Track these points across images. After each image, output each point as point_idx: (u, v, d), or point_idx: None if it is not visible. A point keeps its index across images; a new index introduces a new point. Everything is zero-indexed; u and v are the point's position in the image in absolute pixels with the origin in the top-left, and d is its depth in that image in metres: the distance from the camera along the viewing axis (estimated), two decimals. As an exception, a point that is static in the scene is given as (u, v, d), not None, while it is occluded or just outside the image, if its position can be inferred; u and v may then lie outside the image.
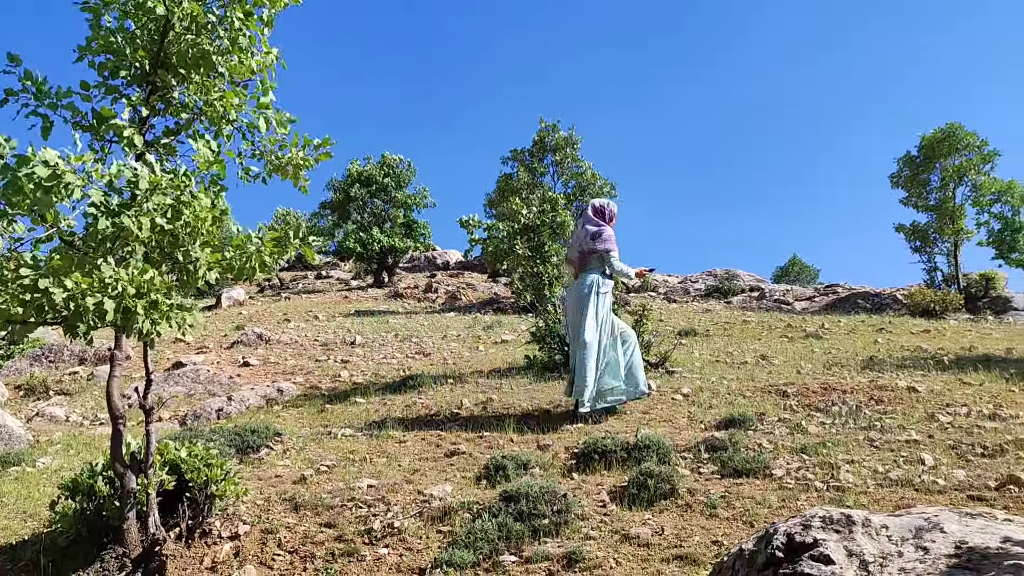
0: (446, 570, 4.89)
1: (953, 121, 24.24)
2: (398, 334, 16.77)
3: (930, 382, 9.61)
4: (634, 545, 5.10)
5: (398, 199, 32.42)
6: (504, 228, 12.05)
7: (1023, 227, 25.13)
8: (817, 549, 2.60)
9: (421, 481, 6.57)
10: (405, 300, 26.08)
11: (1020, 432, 7.04)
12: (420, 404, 9.72)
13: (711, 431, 7.75)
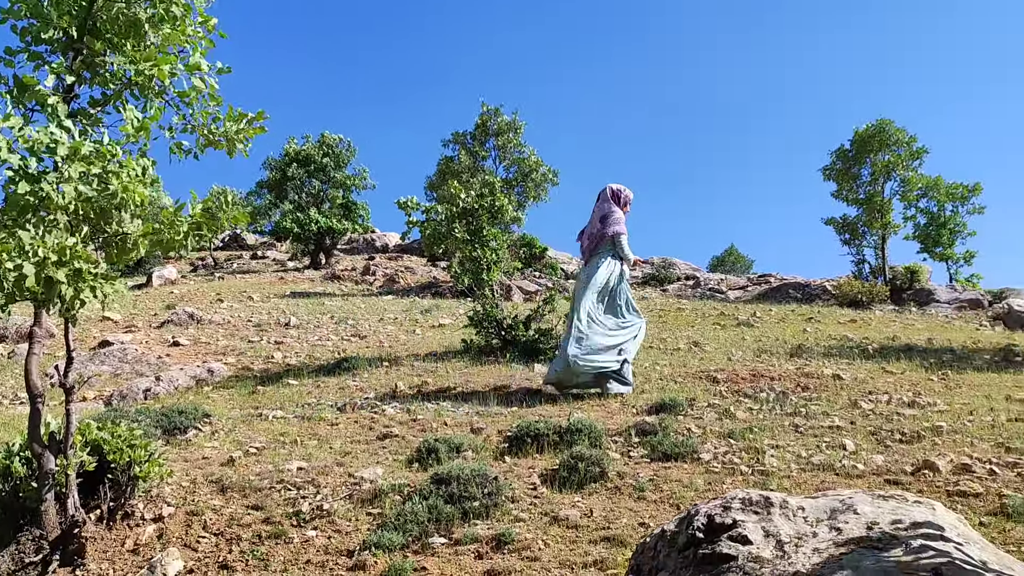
0: (375, 552, 4.86)
1: (884, 117, 24.93)
2: (334, 316, 16.59)
3: (855, 370, 9.90)
4: (563, 527, 5.15)
5: (337, 179, 32.01)
6: (443, 211, 11.98)
7: (948, 222, 26.06)
8: (736, 530, 2.66)
9: (352, 464, 6.52)
10: (342, 282, 25.80)
11: (937, 419, 7.30)
12: (354, 387, 9.64)
13: (642, 416, 7.86)
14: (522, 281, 23.22)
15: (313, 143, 32.07)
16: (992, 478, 5.68)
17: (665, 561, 2.80)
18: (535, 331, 11.56)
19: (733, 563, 2.51)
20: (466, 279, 12.25)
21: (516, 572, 4.52)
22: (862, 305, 19.62)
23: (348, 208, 31.80)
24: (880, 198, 24.71)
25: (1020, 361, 11.07)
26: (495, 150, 30.09)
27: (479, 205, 12.21)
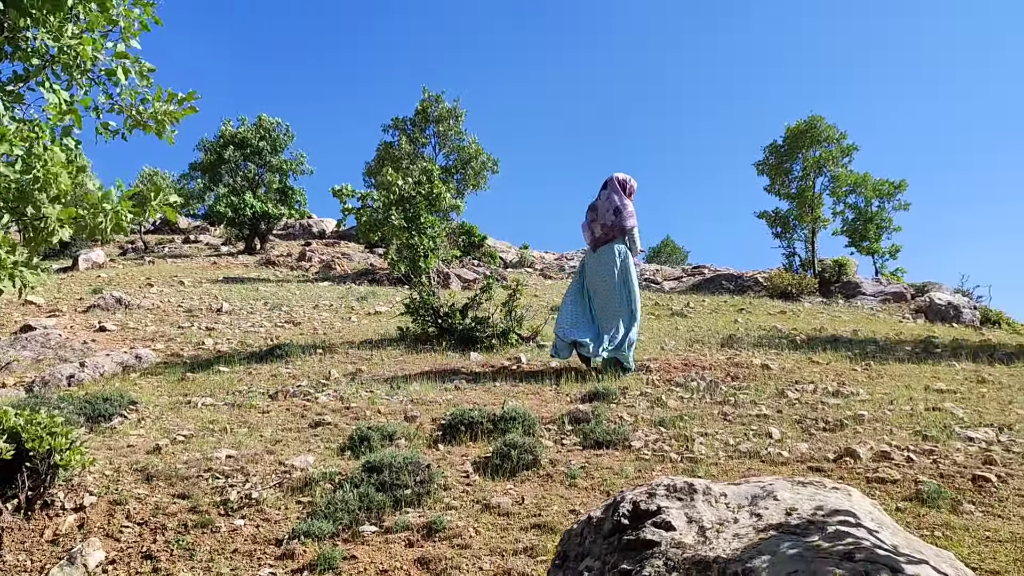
0: (304, 541, 4.81)
1: (816, 114, 25.52)
2: (268, 302, 16.32)
3: (783, 360, 10.14)
4: (494, 514, 5.17)
5: (273, 164, 31.45)
6: (379, 198, 11.87)
7: (874, 218, 26.85)
8: (660, 516, 2.71)
9: (283, 452, 6.44)
10: (277, 268, 25.40)
11: (859, 408, 7.54)
12: (287, 374, 9.52)
13: (576, 404, 7.93)
14: (461, 269, 23.18)
15: (250, 126, 31.42)
16: (909, 465, 5.89)
17: (591, 547, 2.83)
18: (472, 319, 11.56)
19: (656, 548, 2.56)
20: (402, 266, 12.18)
21: (447, 560, 4.52)
22: (792, 297, 20.10)
23: (285, 193, 31.29)
24: (811, 193, 25.33)
25: (939, 352, 11.48)
26: (435, 137, 29.92)
27: (416, 192, 12.14)
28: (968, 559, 4.29)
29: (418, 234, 12.11)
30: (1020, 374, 9.80)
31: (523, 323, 11.88)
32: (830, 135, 25.35)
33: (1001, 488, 5.41)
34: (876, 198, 26.73)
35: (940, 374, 9.56)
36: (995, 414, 7.45)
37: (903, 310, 19.06)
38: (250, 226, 30.07)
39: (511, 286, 11.97)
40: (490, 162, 29.51)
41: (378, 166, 29.63)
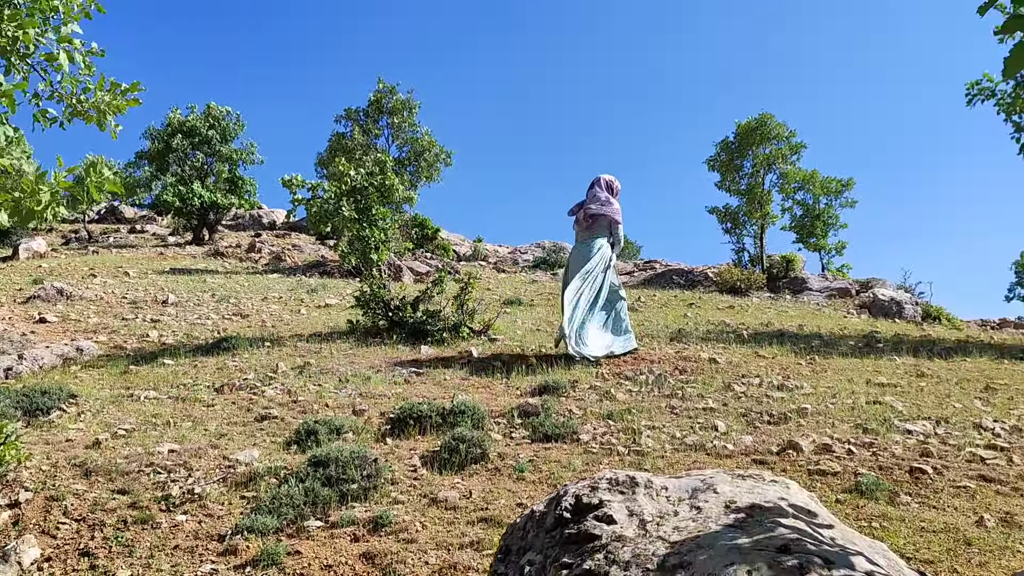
0: (247, 536, 4.75)
1: (766, 111, 25.89)
2: (215, 294, 16.06)
3: (730, 354, 10.29)
4: (441, 508, 5.16)
5: (223, 153, 30.86)
6: (330, 189, 11.74)
7: (822, 214, 27.35)
8: (602, 510, 2.72)
9: (228, 446, 6.34)
10: (226, 259, 25.01)
11: (803, 402, 7.68)
12: (233, 367, 9.37)
13: (526, 397, 7.95)
14: (413, 262, 23.07)
15: (199, 114, 30.79)
16: (849, 457, 6.02)
17: (533, 541, 2.84)
18: (423, 313, 11.51)
19: (597, 542, 2.57)
20: (353, 258, 12.08)
21: (392, 554, 4.49)
22: (741, 292, 20.39)
23: (234, 183, 30.73)
24: (760, 189, 25.70)
25: (881, 347, 11.75)
26: (388, 128, 29.69)
27: (368, 183, 12.03)
28: (903, 549, 4.40)
29: (369, 226, 12.01)
30: (958, 368, 10.07)
31: (475, 317, 11.87)
32: (780, 133, 25.74)
33: (937, 480, 5.55)
34: (824, 195, 27.21)
35: (882, 368, 9.77)
36: (933, 407, 7.64)
37: (848, 306, 19.46)
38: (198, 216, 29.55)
39: (463, 279, 11.94)
40: (443, 154, 29.39)
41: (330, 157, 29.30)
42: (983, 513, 4.95)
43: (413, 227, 28.04)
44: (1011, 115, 13.46)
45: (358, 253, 12.15)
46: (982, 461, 5.98)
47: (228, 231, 34.29)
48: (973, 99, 13.58)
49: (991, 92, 13.47)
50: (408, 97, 29.88)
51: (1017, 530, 4.75)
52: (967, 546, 4.49)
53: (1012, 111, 13.37)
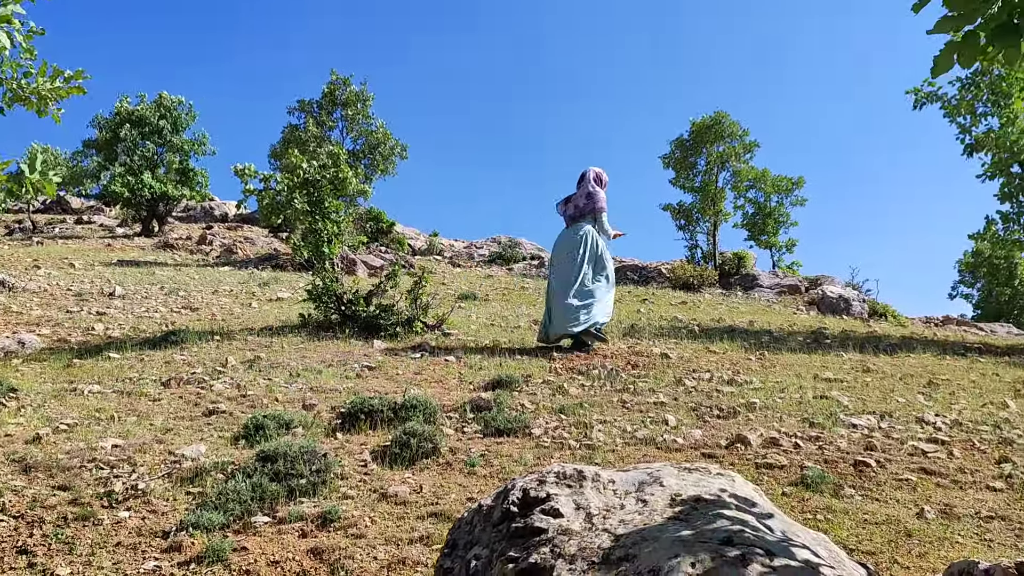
0: (192, 532, 4.66)
1: (721, 110, 26.19)
2: (164, 287, 15.77)
3: (682, 349, 10.39)
4: (391, 503, 5.12)
5: (174, 143, 30.23)
6: (282, 180, 11.58)
7: (773, 212, 27.78)
8: (549, 503, 2.72)
9: (174, 441, 6.23)
10: (176, 251, 24.58)
11: (752, 396, 7.78)
12: (181, 361, 9.21)
13: (479, 392, 7.93)
14: (368, 256, 22.90)
15: (149, 104, 30.12)
16: (796, 451, 6.12)
17: (480, 535, 2.83)
18: (376, 307, 11.43)
19: (543, 536, 2.57)
20: (306, 252, 11.93)
21: (340, 550, 4.45)
22: (693, 288, 20.62)
23: (185, 174, 30.13)
24: (714, 187, 26.01)
25: (829, 343, 11.97)
26: (343, 121, 29.39)
27: (322, 176, 11.89)
28: (846, 541, 4.48)
29: (322, 219, 11.87)
30: (902, 364, 10.30)
31: (429, 311, 11.82)
32: (733, 131, 26.07)
33: (880, 473, 5.67)
34: (775, 193, 27.65)
35: (829, 364, 9.96)
36: (877, 402, 7.81)
37: (797, 302, 19.78)
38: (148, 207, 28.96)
39: (417, 273, 11.88)
40: (398, 147, 29.20)
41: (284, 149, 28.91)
42: (924, 505, 5.07)
43: (368, 221, 27.82)
44: (956, 117, 13.79)
45: (311, 246, 11.99)
46: (923, 454, 6.12)
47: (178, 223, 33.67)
48: (919, 104, 13.88)
49: (936, 95, 13.79)
50: (362, 89, 29.62)
51: (956, 522, 4.87)
52: (908, 537, 4.59)
53: (957, 113, 13.70)
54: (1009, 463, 5.98)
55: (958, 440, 6.55)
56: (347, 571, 4.23)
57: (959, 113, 13.57)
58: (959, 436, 6.69)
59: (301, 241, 12.23)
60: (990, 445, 6.46)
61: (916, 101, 13.78)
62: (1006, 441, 6.58)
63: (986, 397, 8.33)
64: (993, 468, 5.91)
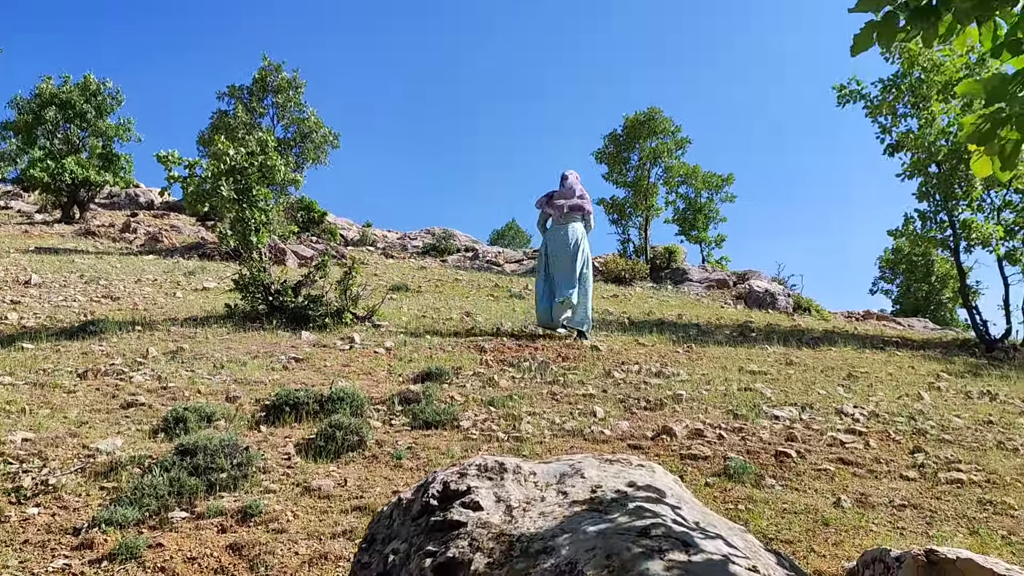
0: (105, 529, 4.50)
1: (654, 106, 26.47)
2: (84, 275, 15.23)
3: (612, 342, 10.48)
4: (315, 497, 5.04)
5: (99, 128, 29.15)
6: (208, 167, 11.27)
7: (703, 208, 28.25)
8: (469, 496, 2.70)
9: (88, 434, 6.01)
10: (98, 239, 23.78)
11: (678, 388, 7.89)
12: (100, 352, 8.90)
13: (408, 384, 7.87)
14: (298, 246, 22.53)
15: (73, 85, 28.96)
16: (720, 442, 6.22)
17: (399, 529, 2.78)
18: (305, 297, 11.23)
19: (462, 529, 2.54)
20: (233, 241, 11.65)
21: (261, 545, 4.35)
22: (625, 282, 20.84)
23: (109, 159, 29.07)
24: (646, 182, 26.30)
25: (754, 336, 12.22)
26: (274, 108, 28.80)
27: (249, 163, 11.62)
28: (766, 530, 4.57)
29: (250, 207, 11.60)
30: (824, 357, 10.58)
31: (359, 302, 11.67)
32: (666, 127, 26.39)
33: (800, 463, 5.81)
34: (705, 189, 28.11)
35: (754, 356, 10.16)
36: (799, 394, 8.00)
37: (725, 296, 20.17)
38: (69, 193, 27.91)
39: (348, 264, 11.71)
40: (331, 136, 28.74)
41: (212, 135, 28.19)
42: (841, 494, 5.21)
43: (299, 210, 27.35)
44: (877, 117, 14.20)
45: (238, 235, 11.71)
46: (842, 445, 6.29)
47: (102, 210, 32.55)
48: (843, 101, 14.25)
49: (859, 94, 14.17)
50: (294, 76, 29.04)
51: (871, 510, 5.01)
52: (825, 526, 4.71)
53: (879, 113, 14.10)
54: (922, 453, 6.18)
55: (875, 431, 6.75)
56: (267, 567, 4.14)
57: (881, 113, 13.99)
58: (876, 427, 6.89)
59: (228, 230, 11.93)
60: (905, 436, 6.67)
61: (840, 98, 14.16)
62: (920, 432, 6.81)
63: (902, 389, 8.60)
64: (907, 458, 6.11)
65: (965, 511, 5.10)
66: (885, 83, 14.06)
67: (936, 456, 6.14)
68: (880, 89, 14.08)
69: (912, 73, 13.77)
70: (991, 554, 3.95)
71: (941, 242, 14.43)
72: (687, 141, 26.91)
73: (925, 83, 13.59)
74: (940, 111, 13.55)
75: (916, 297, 33.83)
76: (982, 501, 5.28)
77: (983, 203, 13.60)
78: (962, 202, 13.73)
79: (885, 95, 13.95)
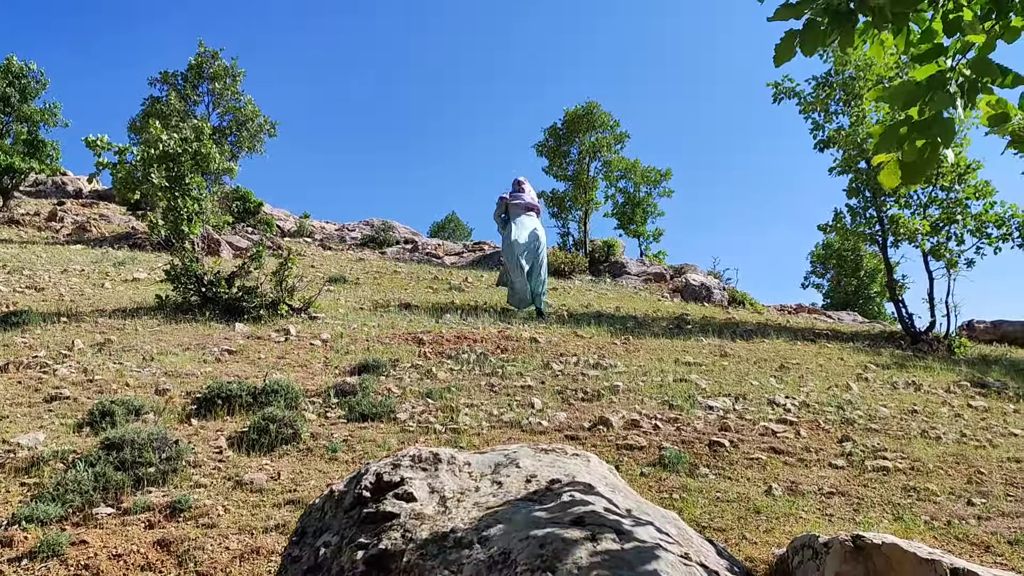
0: (25, 526, 4.34)
1: (593, 100, 26.59)
2: (6, 265, 14.68)
3: (550, 334, 10.51)
4: (247, 491, 4.94)
5: (23, 112, 28.08)
6: (139, 153, 10.95)
7: (642, 202, 28.53)
8: (402, 487, 2.66)
9: (8, 429, 5.80)
10: (22, 228, 22.96)
11: (616, 379, 7.95)
12: (22, 344, 8.59)
13: (344, 376, 7.77)
14: (233, 236, 22.07)
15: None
16: (655, 432, 6.28)
17: (331, 522, 2.74)
18: (239, 289, 11.01)
19: (395, 521, 2.51)
20: (164, 230, 11.34)
21: (190, 540, 4.25)
22: (565, 275, 20.92)
23: (34, 145, 28.02)
24: (586, 176, 26.42)
25: (690, 329, 12.39)
26: (209, 95, 28.13)
27: (183, 150, 11.32)
28: (699, 518, 4.63)
29: (183, 196, 11.30)
30: (757, 349, 10.79)
31: (295, 294, 11.48)
32: (605, 121, 26.52)
33: (733, 452, 5.90)
34: (644, 184, 28.38)
35: (689, 348, 10.30)
36: (733, 385, 8.13)
37: (663, 289, 20.41)
38: (-10, 180, 26.83)
39: (283, 255, 11.52)
40: (267, 124, 28.20)
41: (144, 122, 27.40)
42: (772, 483, 5.31)
43: (234, 200, 26.79)
44: (810, 114, 14.51)
45: (170, 224, 11.39)
46: (773, 434, 6.42)
47: (26, 198, 31.41)
48: (778, 98, 14.53)
49: (793, 91, 14.47)
50: (233, 64, 28.41)
51: (801, 498, 5.12)
52: (756, 514, 4.79)
53: (812, 110, 14.41)
54: (850, 442, 6.34)
55: (805, 421, 6.90)
56: (196, 563, 4.04)
57: (813, 110, 14.32)
58: (806, 417, 7.05)
59: (160, 219, 11.61)
60: (834, 425, 6.84)
61: (775, 95, 14.44)
62: (848, 421, 6.98)
63: (832, 380, 8.82)
64: (836, 447, 6.26)
65: (890, 497, 5.25)
66: (818, 81, 14.38)
67: (863, 445, 6.31)
68: (813, 87, 14.40)
69: (844, 71, 14.10)
70: (915, 539, 4.07)
71: (870, 237, 14.83)
72: (626, 135, 27.12)
73: (857, 81, 13.94)
74: (871, 109, 13.91)
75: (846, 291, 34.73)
76: (906, 488, 5.44)
77: (910, 199, 14.01)
78: (890, 199, 14.12)
79: (819, 92, 14.27)
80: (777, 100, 14.54)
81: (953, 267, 13.54)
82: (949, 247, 13.57)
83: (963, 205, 13.44)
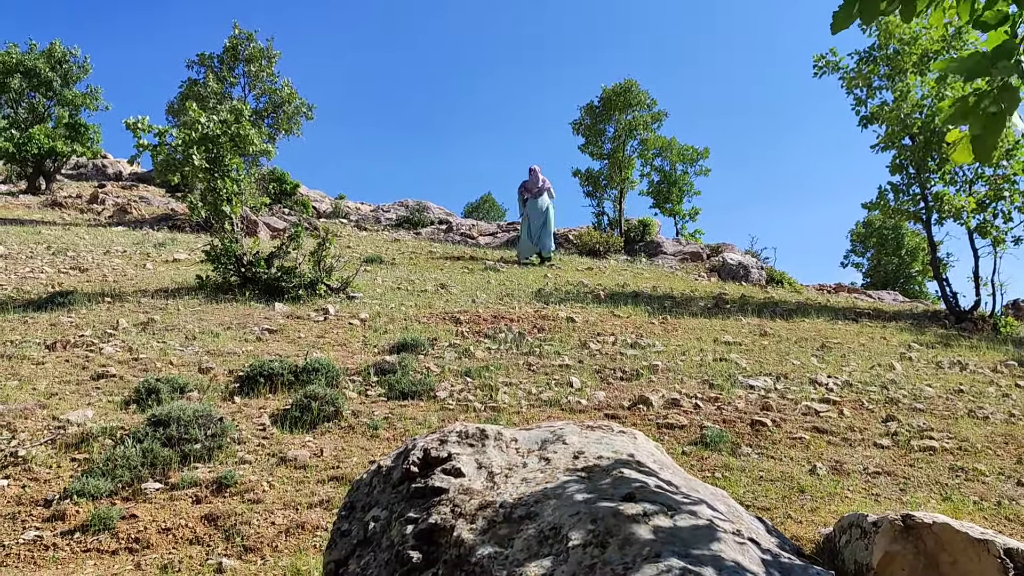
0: (76, 500, 4.43)
1: (631, 78, 26.31)
2: (51, 246, 14.95)
3: (587, 314, 10.47)
4: (291, 467, 4.99)
5: (65, 97, 28.51)
6: (178, 136, 11.05)
7: (678, 181, 28.27)
8: (450, 463, 2.66)
9: (59, 406, 5.91)
10: (65, 210, 23.34)
11: (654, 359, 7.90)
12: (68, 323, 8.74)
13: (383, 355, 7.81)
14: (270, 218, 22.26)
15: (39, 53, 28.25)
16: (696, 411, 6.24)
17: (379, 497, 2.75)
18: (278, 269, 11.10)
19: (444, 496, 2.51)
20: (204, 211, 11.46)
21: (237, 515, 4.31)
22: (599, 254, 20.82)
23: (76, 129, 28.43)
24: (622, 154, 26.20)
25: (728, 308, 12.27)
26: (245, 77, 28.27)
27: (222, 131, 11.40)
28: (743, 497, 4.59)
29: (222, 177, 11.39)
30: (797, 328, 10.66)
31: (333, 274, 11.56)
32: (642, 100, 26.23)
33: (775, 432, 5.84)
34: (680, 163, 28.10)
35: (728, 328, 10.21)
36: (774, 364, 8.05)
37: (699, 269, 20.23)
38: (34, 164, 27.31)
39: (321, 235, 11.58)
40: (304, 107, 28.30)
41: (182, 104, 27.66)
42: (816, 462, 5.25)
43: (271, 182, 26.98)
44: (852, 89, 14.22)
45: (209, 206, 11.51)
46: (816, 414, 6.34)
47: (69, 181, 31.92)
48: (820, 72, 14.25)
49: (836, 66, 14.18)
50: (268, 46, 28.52)
51: (845, 477, 5.06)
52: (801, 493, 4.74)
53: (855, 85, 14.12)
54: (895, 421, 6.25)
55: (848, 400, 6.81)
56: (243, 537, 4.10)
57: (856, 85, 14.02)
58: (849, 396, 6.95)
59: (199, 201, 11.73)
60: (877, 405, 6.74)
61: (818, 69, 14.15)
62: (892, 401, 6.88)
63: (874, 359, 8.69)
64: (880, 426, 6.17)
65: (938, 478, 5.17)
66: (861, 55, 14.07)
67: (908, 424, 6.21)
68: (856, 61, 14.09)
69: (888, 46, 13.77)
70: (964, 519, 4.00)
71: (914, 215, 14.53)
72: (663, 114, 26.81)
73: (901, 56, 13.61)
74: (915, 84, 13.59)
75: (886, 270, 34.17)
76: (954, 468, 5.35)
77: (955, 176, 13.69)
78: (934, 175, 13.81)
79: (861, 67, 13.97)
80: (819, 74, 14.26)
81: (1000, 245, 13.22)
82: (996, 224, 13.25)
83: (1011, 181, 13.09)
